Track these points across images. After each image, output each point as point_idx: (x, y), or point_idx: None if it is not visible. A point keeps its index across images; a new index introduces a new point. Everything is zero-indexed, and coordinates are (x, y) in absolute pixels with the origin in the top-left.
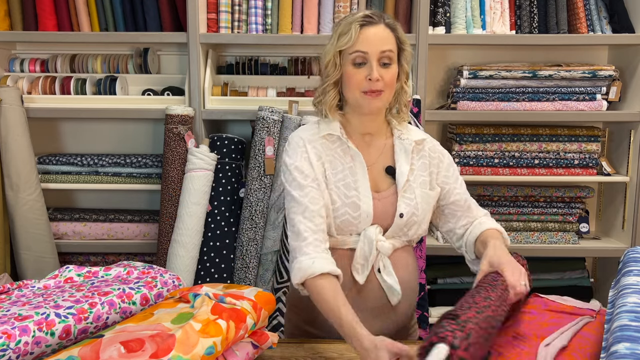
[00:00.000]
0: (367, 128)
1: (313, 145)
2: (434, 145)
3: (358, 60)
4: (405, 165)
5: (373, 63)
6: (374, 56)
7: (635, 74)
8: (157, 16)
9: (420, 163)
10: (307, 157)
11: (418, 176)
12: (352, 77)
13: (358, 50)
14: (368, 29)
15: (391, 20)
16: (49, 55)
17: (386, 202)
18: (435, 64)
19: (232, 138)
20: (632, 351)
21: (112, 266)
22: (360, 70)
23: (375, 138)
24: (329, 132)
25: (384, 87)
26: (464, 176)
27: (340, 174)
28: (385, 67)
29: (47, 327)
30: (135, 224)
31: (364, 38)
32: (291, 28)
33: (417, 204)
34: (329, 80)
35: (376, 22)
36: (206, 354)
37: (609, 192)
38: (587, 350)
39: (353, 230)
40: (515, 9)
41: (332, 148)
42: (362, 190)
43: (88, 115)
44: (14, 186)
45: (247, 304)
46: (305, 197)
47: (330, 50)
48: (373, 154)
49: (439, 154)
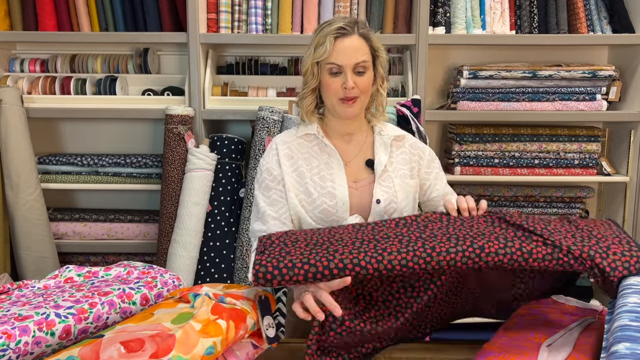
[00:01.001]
0: (346, 129)
1: (287, 145)
2: (414, 142)
3: (334, 70)
4: (383, 156)
5: (348, 73)
6: (349, 67)
7: (635, 74)
8: (157, 16)
9: (401, 158)
10: (277, 159)
11: (398, 169)
12: (329, 86)
13: (333, 63)
14: (342, 41)
15: (365, 30)
16: (49, 55)
17: (364, 190)
18: (435, 64)
19: (232, 138)
20: (632, 351)
21: (112, 266)
22: (336, 79)
23: (355, 136)
24: (306, 132)
25: (359, 93)
26: (464, 176)
27: (316, 168)
28: (360, 75)
29: (47, 327)
30: (135, 224)
31: (338, 50)
32: (291, 28)
33: (396, 192)
34: (307, 88)
35: (349, 33)
36: (206, 354)
37: (609, 192)
38: (589, 351)
39: (334, 221)
40: (515, 9)
41: (309, 146)
42: (338, 181)
43: (88, 115)
44: (14, 186)
45: (247, 304)
46: (267, 200)
47: (307, 60)
48: (352, 150)
49: (419, 150)
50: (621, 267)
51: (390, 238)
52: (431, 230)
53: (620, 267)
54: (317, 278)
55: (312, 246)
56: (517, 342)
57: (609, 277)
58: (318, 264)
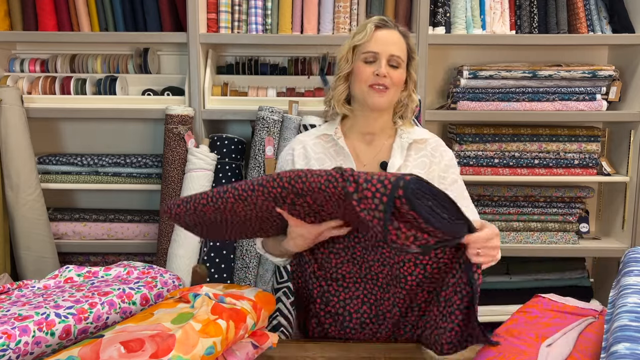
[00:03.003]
0: (370, 127)
1: (303, 145)
2: (437, 145)
3: (369, 59)
4: (398, 159)
5: (382, 61)
6: (384, 56)
7: (635, 74)
8: (157, 16)
9: (420, 161)
10: (291, 158)
11: (413, 172)
12: (361, 72)
13: (370, 50)
14: (382, 31)
15: (404, 30)
16: (49, 55)
17: None
18: (435, 64)
19: (232, 138)
20: (632, 351)
21: (112, 266)
22: (369, 67)
23: (377, 138)
24: (324, 132)
25: (390, 84)
26: (464, 176)
27: (328, 167)
28: (393, 68)
29: (47, 327)
30: (135, 224)
31: (376, 39)
32: (291, 28)
33: None
34: (340, 74)
35: (390, 27)
36: (206, 354)
37: (609, 192)
38: (589, 351)
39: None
40: (515, 9)
41: (326, 147)
42: None
43: (88, 115)
44: (14, 186)
45: (247, 304)
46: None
47: (345, 46)
48: (371, 152)
49: (440, 153)
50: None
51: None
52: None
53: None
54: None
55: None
56: (516, 342)
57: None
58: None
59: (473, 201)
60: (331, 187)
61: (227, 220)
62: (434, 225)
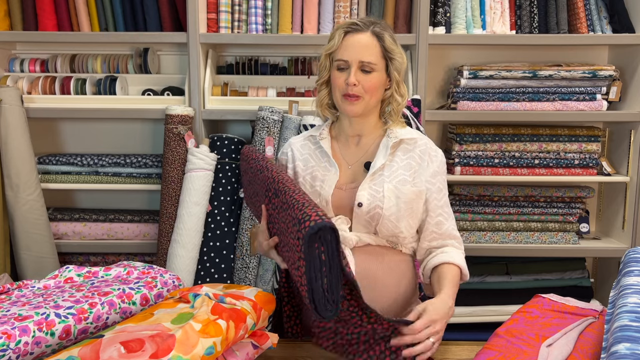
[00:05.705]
0: (356, 130)
1: (291, 147)
2: (426, 148)
3: (341, 66)
4: (381, 159)
5: (352, 69)
6: (354, 64)
7: (635, 74)
8: (157, 16)
9: (406, 163)
10: (285, 159)
11: (398, 174)
12: (335, 80)
13: (340, 59)
14: (352, 37)
15: (379, 29)
16: (49, 55)
17: (350, 192)
18: (435, 64)
19: (232, 138)
20: (632, 351)
21: (112, 266)
22: (342, 74)
23: (365, 139)
24: (311, 134)
25: (362, 92)
26: (464, 176)
27: (311, 168)
28: (366, 74)
29: (47, 327)
30: (135, 224)
31: (345, 45)
32: (291, 28)
33: (384, 197)
34: (319, 80)
35: (361, 29)
36: (206, 354)
37: (609, 192)
38: (589, 351)
39: None
40: (515, 9)
41: (312, 149)
42: (327, 182)
43: (88, 115)
44: (14, 186)
45: (247, 304)
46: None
47: (322, 52)
48: (358, 153)
49: (429, 157)
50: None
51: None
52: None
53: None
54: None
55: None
56: (517, 342)
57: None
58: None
59: (473, 201)
60: (295, 223)
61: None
62: (309, 282)
